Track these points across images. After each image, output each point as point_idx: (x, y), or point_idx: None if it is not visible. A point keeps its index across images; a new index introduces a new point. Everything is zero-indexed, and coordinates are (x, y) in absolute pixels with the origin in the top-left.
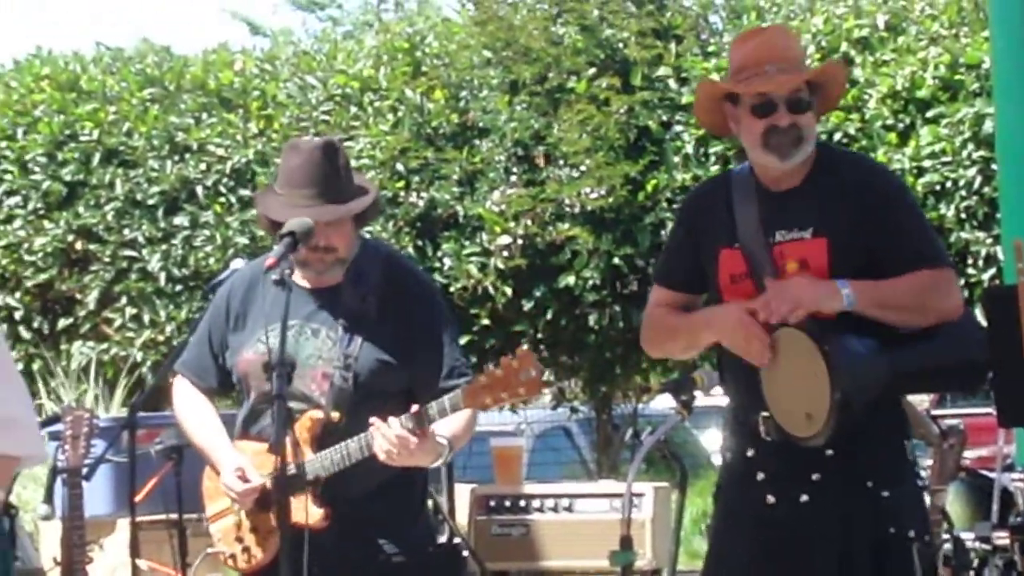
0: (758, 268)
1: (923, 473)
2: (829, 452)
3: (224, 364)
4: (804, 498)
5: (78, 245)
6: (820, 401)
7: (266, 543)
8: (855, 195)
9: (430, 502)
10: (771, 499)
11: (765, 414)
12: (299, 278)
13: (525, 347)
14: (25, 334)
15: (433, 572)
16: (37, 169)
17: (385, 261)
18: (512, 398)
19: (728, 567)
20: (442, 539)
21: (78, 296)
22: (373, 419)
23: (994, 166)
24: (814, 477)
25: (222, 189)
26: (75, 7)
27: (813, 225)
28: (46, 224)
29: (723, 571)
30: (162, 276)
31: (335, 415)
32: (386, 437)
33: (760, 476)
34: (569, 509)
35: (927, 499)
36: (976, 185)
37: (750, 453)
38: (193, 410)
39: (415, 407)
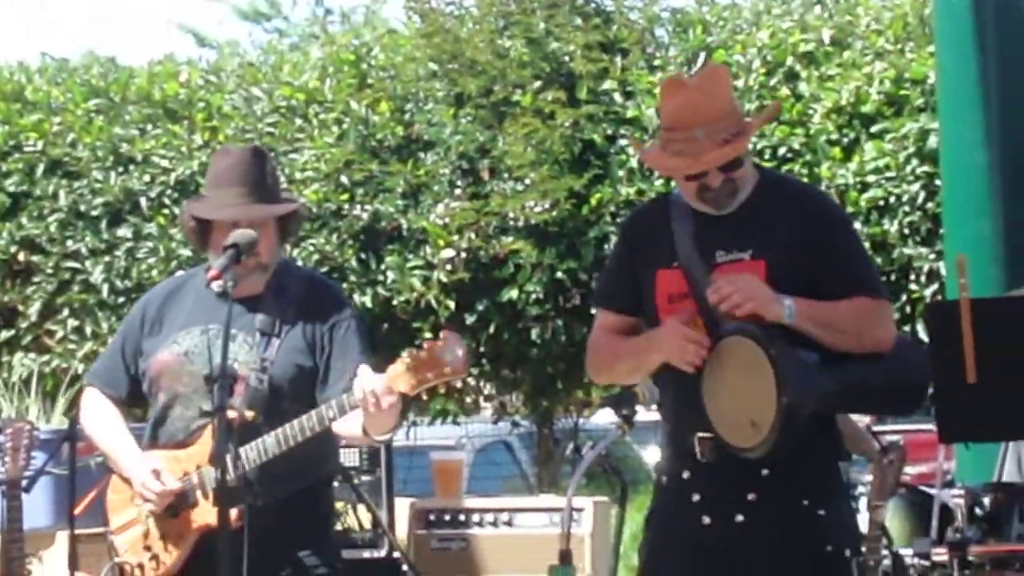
0: (699, 288)
1: (863, 489)
2: (764, 472)
3: (136, 374)
4: (740, 518)
5: (21, 256)
6: (766, 408)
7: (175, 549)
8: (795, 219)
9: (368, 516)
10: (707, 520)
11: (702, 435)
12: (215, 285)
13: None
14: None
15: None
16: None
17: (307, 279)
18: (438, 378)
19: None
20: (381, 553)
21: (20, 307)
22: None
23: (938, 182)
24: (749, 497)
25: (166, 201)
26: (20, 17)
27: (752, 247)
28: None
29: None
30: (105, 288)
31: (249, 414)
32: (371, 382)
33: (696, 497)
34: (509, 523)
35: (865, 516)
36: (920, 200)
37: (685, 475)
38: (100, 419)
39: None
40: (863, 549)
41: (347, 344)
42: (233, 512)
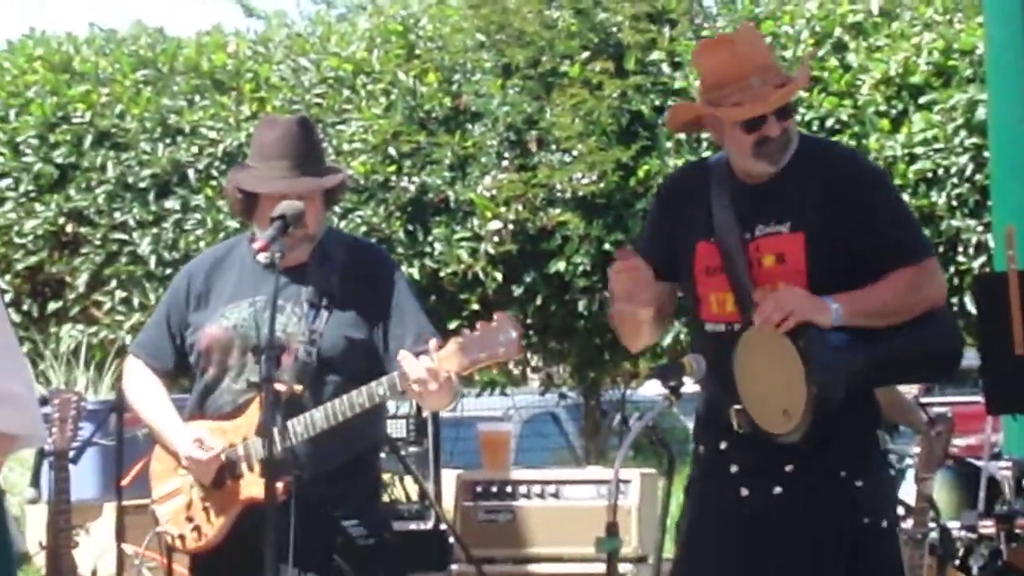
0: (732, 263)
1: (910, 461)
2: (802, 443)
3: (182, 345)
4: (778, 489)
5: (69, 228)
6: (796, 397)
7: (218, 520)
8: (834, 188)
9: (414, 487)
10: (744, 491)
11: (738, 407)
12: (263, 256)
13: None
14: (14, 317)
15: (399, 557)
16: (29, 151)
17: (350, 244)
18: (491, 359)
19: (702, 558)
20: (428, 525)
21: (68, 279)
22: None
23: (986, 153)
24: (787, 468)
25: (214, 172)
26: None
27: (791, 219)
28: (37, 207)
29: (696, 563)
30: (152, 259)
31: (298, 388)
32: (415, 370)
33: (733, 468)
34: (556, 495)
35: (913, 488)
36: (968, 172)
37: (723, 446)
38: (145, 390)
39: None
40: (907, 521)
41: (402, 310)
42: (279, 485)
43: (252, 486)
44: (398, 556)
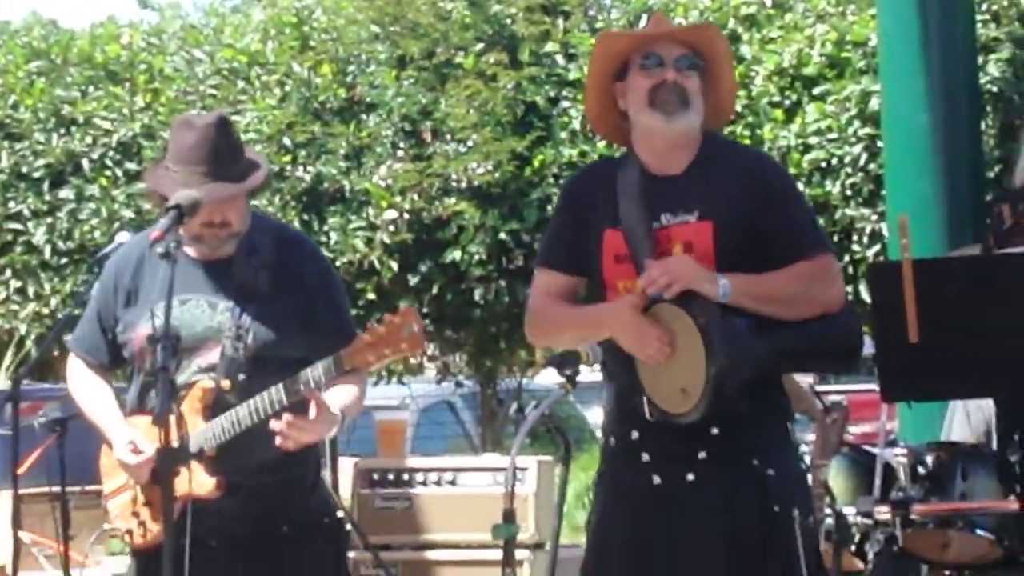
0: (637, 250)
1: (806, 448)
2: (714, 431)
3: (115, 340)
4: (690, 477)
5: None
6: (696, 377)
7: (160, 517)
8: (741, 180)
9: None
10: (657, 479)
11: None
12: (191, 251)
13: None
14: None
15: (322, 544)
16: None
17: (276, 233)
18: (395, 354)
19: (614, 548)
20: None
21: None
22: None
23: (880, 143)
24: (700, 455)
25: (108, 162)
26: None
27: (698, 208)
28: None
29: (609, 553)
30: (47, 249)
31: (225, 384)
32: (280, 429)
33: (645, 457)
34: (453, 483)
35: (810, 478)
36: (862, 162)
37: (634, 435)
38: (86, 387)
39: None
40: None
41: (329, 307)
42: (213, 480)
43: (188, 482)
44: (338, 539)
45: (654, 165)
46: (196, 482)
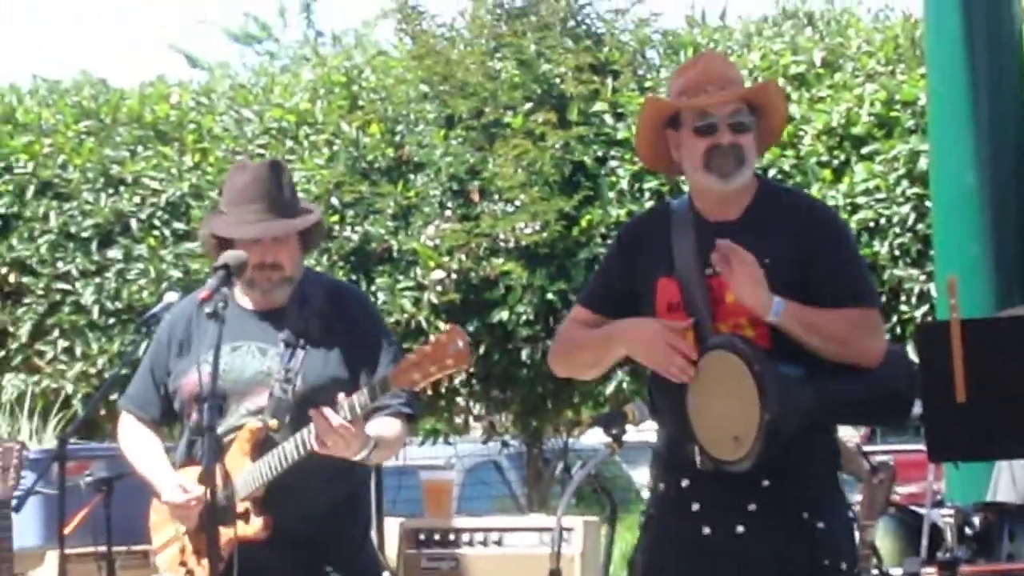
0: (692, 298)
1: (854, 508)
2: (765, 483)
3: (167, 394)
4: (740, 529)
5: (11, 278)
6: (748, 424)
7: (208, 563)
8: (792, 228)
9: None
10: (707, 530)
11: (699, 445)
12: (245, 301)
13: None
14: None
15: None
16: None
17: (328, 287)
18: (441, 371)
19: None
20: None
21: (10, 328)
22: (312, 411)
23: (928, 203)
24: (750, 508)
25: (156, 222)
26: (13, 38)
27: (752, 256)
28: None
29: None
30: (95, 309)
31: (273, 423)
32: (322, 423)
33: (695, 507)
34: (499, 543)
35: (857, 533)
36: (910, 222)
37: (684, 483)
38: (136, 441)
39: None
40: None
41: (378, 353)
42: (260, 520)
43: (236, 527)
44: None
45: (709, 212)
46: (243, 526)
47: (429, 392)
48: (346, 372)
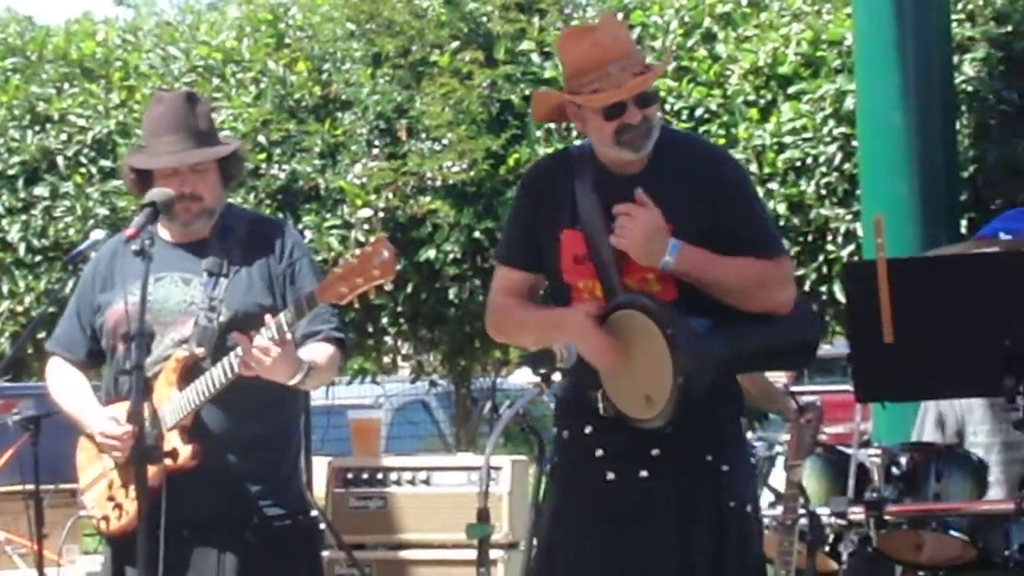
0: (597, 250)
1: (780, 448)
2: (667, 428)
3: (93, 335)
4: (643, 473)
5: None
6: (660, 384)
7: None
8: (693, 177)
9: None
10: (611, 475)
11: (602, 390)
12: (165, 234)
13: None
14: None
15: (297, 542)
16: None
17: (250, 217)
18: (368, 283)
19: (567, 543)
20: None
21: None
22: (234, 334)
23: (854, 143)
24: (653, 452)
25: (83, 160)
26: None
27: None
28: None
29: (561, 548)
30: (21, 247)
31: (199, 351)
32: (244, 343)
33: (599, 453)
34: (427, 482)
35: (782, 475)
36: (837, 161)
37: (588, 430)
38: (63, 382)
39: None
40: (777, 507)
41: (302, 278)
42: (189, 448)
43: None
44: (312, 538)
45: (613, 166)
46: (172, 458)
47: (356, 332)
48: (270, 297)
